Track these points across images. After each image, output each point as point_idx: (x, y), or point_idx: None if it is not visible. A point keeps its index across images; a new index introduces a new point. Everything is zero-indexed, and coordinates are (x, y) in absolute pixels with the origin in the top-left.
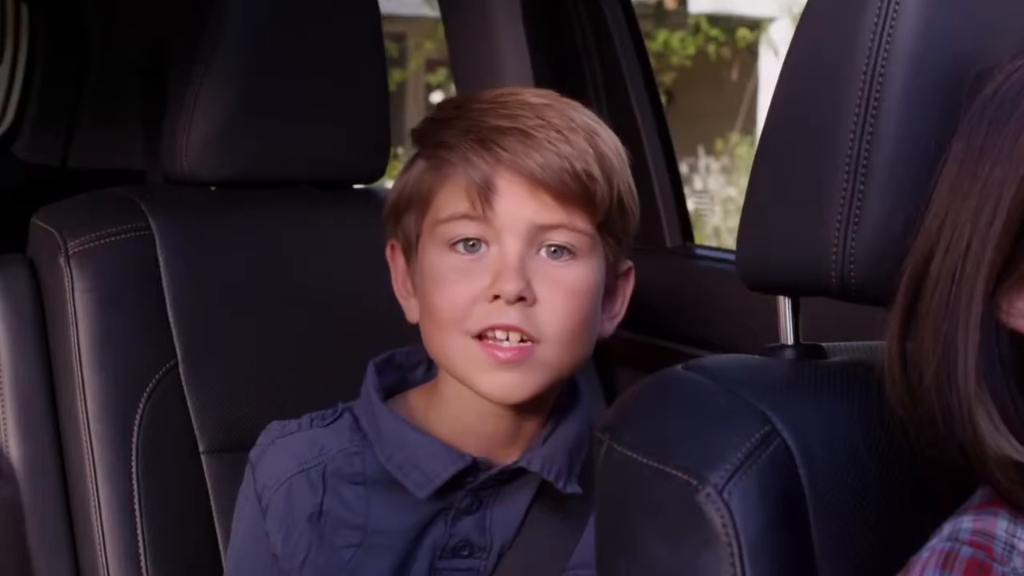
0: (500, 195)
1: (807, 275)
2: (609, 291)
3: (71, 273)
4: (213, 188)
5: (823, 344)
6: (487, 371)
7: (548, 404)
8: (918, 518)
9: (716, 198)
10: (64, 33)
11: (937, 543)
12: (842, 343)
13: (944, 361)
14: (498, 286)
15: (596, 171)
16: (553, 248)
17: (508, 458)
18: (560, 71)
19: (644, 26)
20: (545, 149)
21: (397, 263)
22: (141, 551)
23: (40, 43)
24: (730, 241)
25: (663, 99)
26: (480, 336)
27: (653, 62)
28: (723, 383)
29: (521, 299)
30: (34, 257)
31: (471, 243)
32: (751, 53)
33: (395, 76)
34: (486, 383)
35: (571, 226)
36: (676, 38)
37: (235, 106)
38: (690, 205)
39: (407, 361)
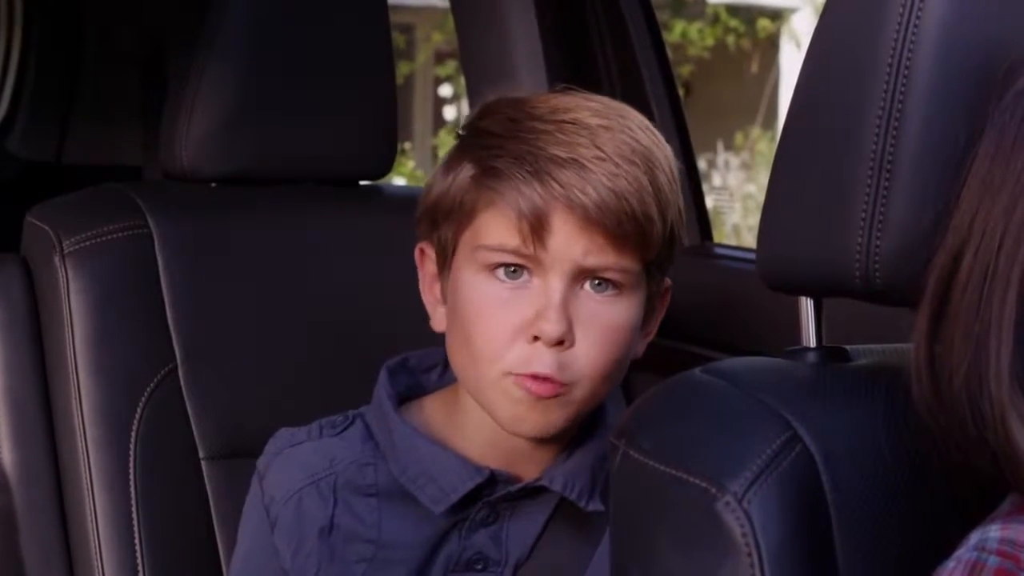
0: (551, 232)
1: (830, 275)
2: (646, 313)
3: (66, 273)
4: (214, 185)
5: (847, 347)
6: (515, 406)
7: (573, 424)
8: (944, 527)
9: (736, 195)
10: (59, 24)
11: (964, 553)
12: (867, 345)
13: (975, 363)
14: (539, 327)
15: (653, 211)
16: (599, 282)
17: (528, 472)
18: (574, 62)
19: (661, 16)
20: (602, 186)
21: (426, 268)
22: (139, 561)
23: (34, 34)
24: (750, 240)
25: (681, 92)
26: (517, 376)
27: (670, 54)
28: (743, 387)
29: (560, 343)
30: (28, 256)
31: (513, 269)
32: (772, 44)
33: (402, 68)
34: (510, 418)
35: (619, 266)
36: (694, 29)
37: (236, 100)
38: (709, 202)
39: (421, 364)
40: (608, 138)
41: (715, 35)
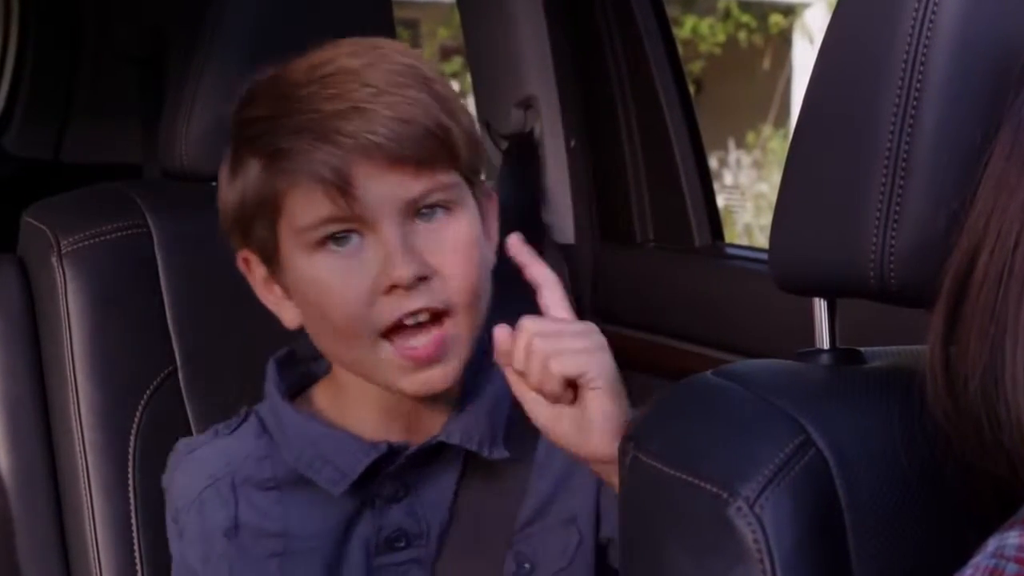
0: (361, 184)
1: (844, 275)
2: (482, 217)
3: (64, 273)
4: (214, 184)
5: (861, 348)
6: (405, 372)
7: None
8: (961, 533)
9: (747, 194)
10: (57, 20)
11: (981, 559)
12: (881, 347)
13: (991, 366)
14: (391, 276)
15: (445, 119)
16: (425, 211)
17: (426, 435)
18: (582, 58)
19: (671, 11)
20: (389, 119)
21: (255, 273)
22: (138, 566)
23: (32, 30)
24: (762, 240)
25: (691, 89)
26: (389, 332)
27: (681, 50)
28: (755, 390)
29: (420, 279)
30: (25, 256)
31: (340, 237)
32: (784, 40)
33: None
34: (409, 385)
35: (440, 185)
36: (705, 24)
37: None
38: (720, 201)
39: (308, 353)
40: (374, 72)
41: (726, 31)
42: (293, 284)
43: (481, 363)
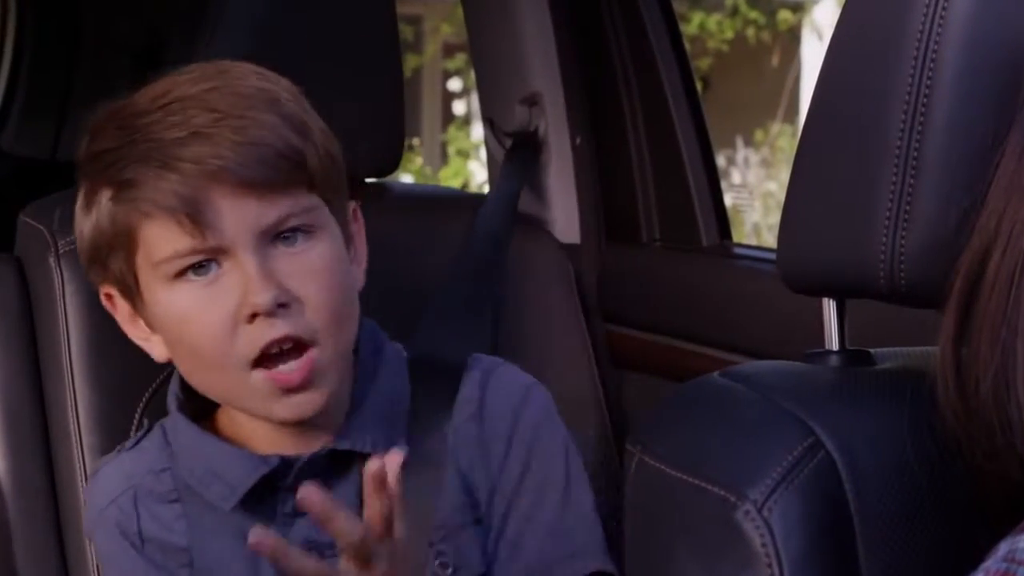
0: (212, 212)
1: (853, 276)
2: (347, 239)
3: (62, 273)
4: None
5: (870, 350)
6: (276, 399)
7: (346, 382)
8: (972, 537)
9: (755, 193)
10: (54, 17)
11: (992, 564)
12: (891, 349)
13: (1003, 367)
14: (250, 302)
15: (295, 140)
16: (286, 235)
17: (317, 447)
18: (588, 55)
19: (678, 7)
20: (235, 143)
21: (120, 309)
22: None
23: (29, 28)
24: (771, 239)
25: (699, 86)
26: (258, 361)
27: (688, 46)
28: (763, 391)
29: (281, 306)
30: (22, 256)
31: (199, 267)
32: (793, 37)
33: (410, 61)
34: (279, 410)
35: (297, 209)
36: (713, 21)
37: None
38: (728, 201)
39: None
40: (218, 97)
41: (734, 27)
42: (156, 318)
43: (366, 370)
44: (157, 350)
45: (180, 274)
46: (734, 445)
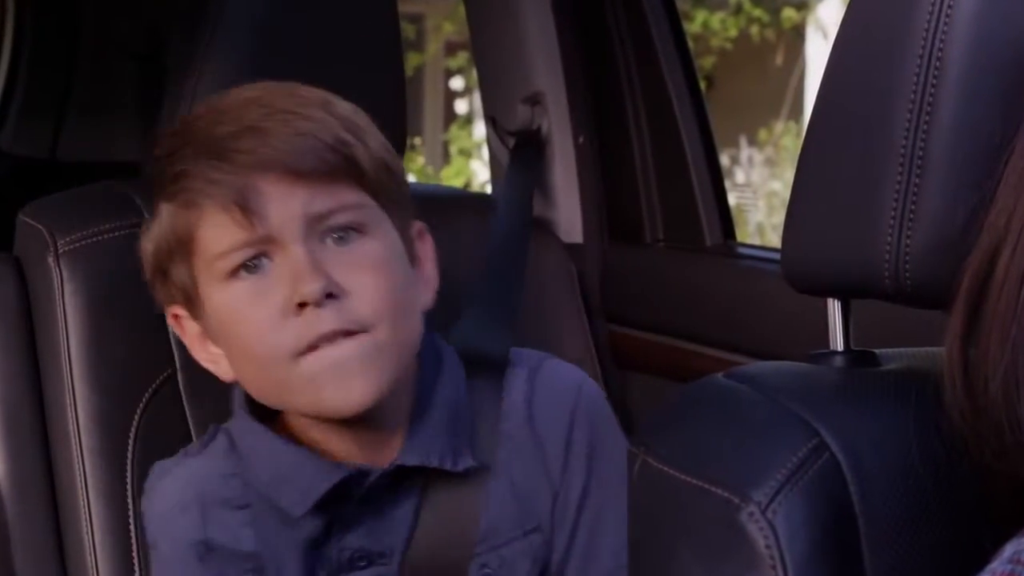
0: (262, 200)
1: (858, 276)
2: (412, 260)
3: (61, 274)
4: None
5: (876, 350)
6: (329, 383)
7: (408, 392)
8: (978, 538)
9: (760, 192)
10: (53, 16)
11: (997, 566)
12: (897, 349)
13: (1012, 367)
14: (299, 292)
15: (347, 136)
16: (338, 234)
17: (389, 454)
18: (590, 53)
19: (682, 6)
20: (285, 134)
21: (188, 330)
22: (136, 573)
23: (28, 25)
24: (775, 239)
25: (702, 85)
26: (306, 351)
27: (691, 45)
28: (767, 392)
29: (330, 296)
30: (21, 256)
31: (251, 265)
32: (798, 35)
33: (412, 60)
34: (331, 397)
35: (346, 204)
36: (716, 19)
37: None
38: (731, 200)
39: None
40: (274, 97)
41: (738, 25)
42: (213, 320)
43: (427, 379)
44: (223, 368)
45: (234, 272)
46: (738, 446)
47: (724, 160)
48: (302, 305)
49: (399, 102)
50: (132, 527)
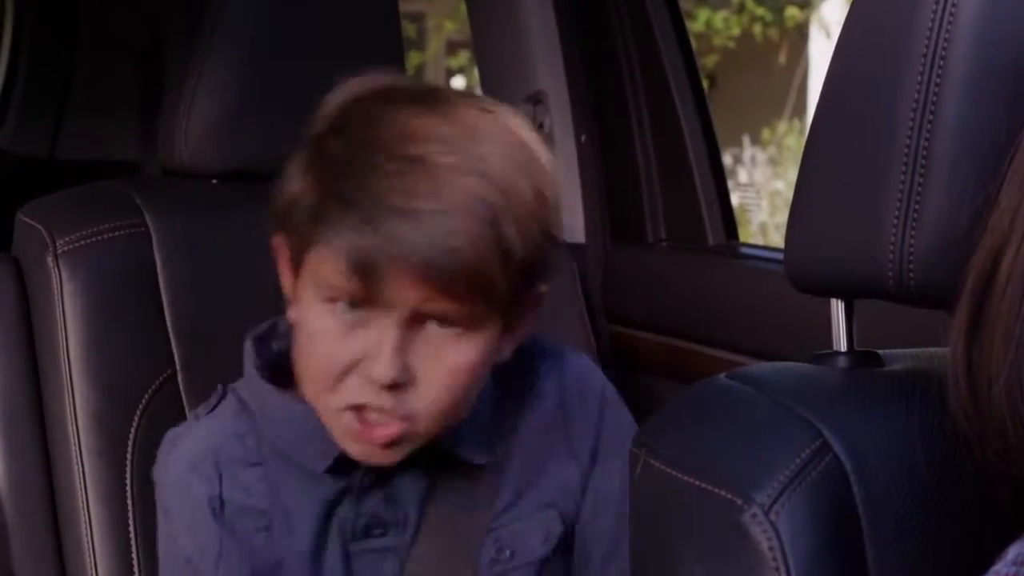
0: (383, 282)
1: (862, 276)
2: (515, 321)
3: (60, 274)
4: (215, 181)
5: (879, 351)
6: (357, 443)
7: None
8: (981, 540)
9: (763, 192)
10: (52, 12)
11: (1001, 567)
12: (900, 350)
13: (1016, 367)
14: (372, 369)
15: (494, 266)
16: (440, 321)
17: None
18: (593, 53)
19: (684, 4)
20: (437, 244)
21: (283, 259)
22: (136, 575)
23: (27, 23)
24: (778, 239)
25: (705, 84)
26: (353, 407)
27: (694, 44)
28: (770, 393)
29: (395, 385)
30: (20, 256)
31: (352, 304)
32: (801, 34)
33: (413, 59)
34: (351, 450)
35: (461, 313)
36: (719, 18)
37: (239, 91)
38: (734, 200)
39: (291, 329)
40: (453, 185)
41: (741, 24)
42: (298, 311)
43: None
44: (291, 310)
45: (333, 299)
46: (741, 447)
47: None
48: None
49: None
50: (131, 527)
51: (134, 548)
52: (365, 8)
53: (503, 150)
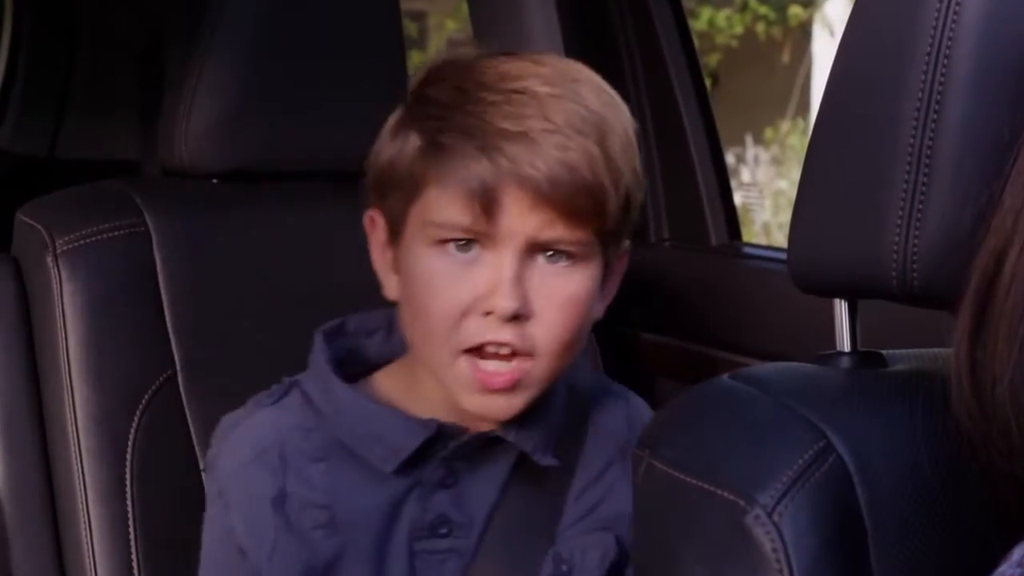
0: (502, 208)
1: (865, 276)
2: (604, 278)
3: (59, 274)
4: (215, 181)
5: (883, 351)
6: (473, 392)
7: None
8: (986, 542)
9: (766, 191)
10: (52, 11)
11: (1006, 569)
12: (904, 350)
13: (1020, 367)
14: (492, 302)
15: (606, 181)
16: (551, 252)
17: (481, 428)
18: (595, 51)
19: (687, 3)
20: (552, 159)
21: (376, 235)
22: None
23: (26, 22)
24: (781, 239)
25: (707, 83)
26: (470, 350)
27: (697, 42)
28: (773, 394)
29: (516, 316)
30: (19, 256)
31: (464, 243)
32: (804, 33)
33: (414, 58)
34: (469, 403)
35: (573, 239)
36: (722, 16)
37: (239, 90)
38: (737, 199)
39: (362, 328)
40: (558, 108)
41: (744, 23)
42: (404, 265)
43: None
44: (390, 285)
45: (444, 242)
46: (744, 449)
47: (730, 159)
48: (488, 313)
49: (401, 100)
50: (131, 528)
51: (134, 549)
52: (366, 7)
53: (593, 89)
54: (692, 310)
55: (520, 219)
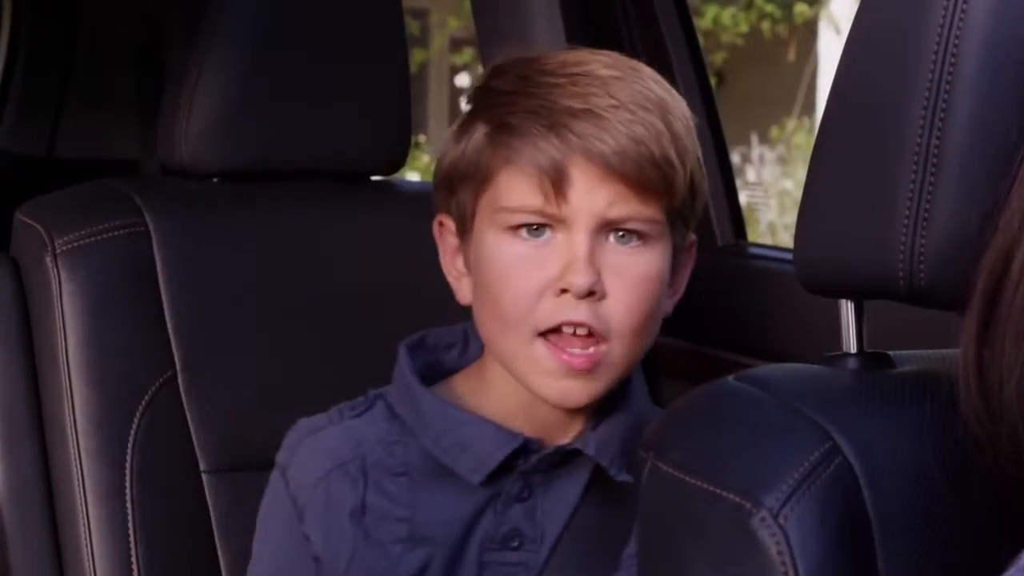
0: (572, 185)
1: (871, 276)
2: (673, 269)
3: (58, 274)
4: (215, 180)
5: (889, 352)
6: (551, 376)
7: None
8: (993, 545)
9: (771, 191)
10: (51, 10)
11: (1014, 573)
12: (911, 351)
13: None
14: (567, 279)
15: (673, 155)
16: (622, 233)
17: (559, 441)
18: (599, 49)
19: (692, 1)
20: (620, 133)
21: (446, 241)
22: None
23: (24, 20)
24: (787, 239)
25: (713, 81)
26: (546, 332)
27: (702, 40)
28: (779, 395)
29: (591, 293)
30: (18, 256)
31: (535, 227)
32: (810, 31)
33: (416, 56)
34: (548, 388)
35: (643, 216)
36: (727, 14)
37: (239, 89)
38: (742, 199)
39: (441, 342)
40: (621, 87)
41: (749, 21)
42: (476, 258)
43: (623, 393)
44: (463, 292)
45: (515, 228)
46: (749, 451)
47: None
48: (564, 291)
49: (403, 99)
50: (131, 529)
51: (133, 549)
52: (367, 5)
53: (652, 76)
54: (698, 311)
55: (590, 195)
